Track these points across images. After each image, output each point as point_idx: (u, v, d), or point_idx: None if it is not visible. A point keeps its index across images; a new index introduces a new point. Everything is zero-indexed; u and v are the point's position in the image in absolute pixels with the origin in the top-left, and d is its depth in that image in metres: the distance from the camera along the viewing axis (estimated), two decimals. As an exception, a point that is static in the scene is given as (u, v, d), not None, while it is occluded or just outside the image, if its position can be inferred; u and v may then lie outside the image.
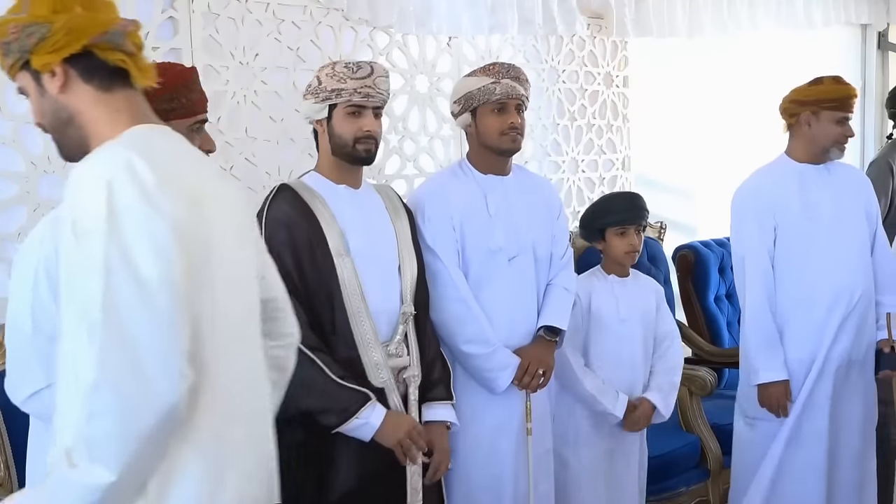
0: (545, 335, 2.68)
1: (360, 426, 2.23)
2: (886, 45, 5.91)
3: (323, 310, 2.31)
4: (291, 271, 2.26)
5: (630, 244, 2.92)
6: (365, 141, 2.35)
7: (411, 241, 2.50)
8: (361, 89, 2.32)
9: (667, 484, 3.36)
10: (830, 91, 3.03)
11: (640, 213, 2.94)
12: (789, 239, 3.05)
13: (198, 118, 2.08)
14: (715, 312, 4.18)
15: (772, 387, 3.01)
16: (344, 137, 2.35)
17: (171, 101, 2.04)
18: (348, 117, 2.35)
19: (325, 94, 2.34)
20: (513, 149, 2.66)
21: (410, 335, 2.43)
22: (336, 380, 2.22)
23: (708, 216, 4.75)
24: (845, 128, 3.03)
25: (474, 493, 2.62)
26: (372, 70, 2.34)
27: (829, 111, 3.01)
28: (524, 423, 2.64)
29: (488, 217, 2.65)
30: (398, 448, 2.26)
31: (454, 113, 2.72)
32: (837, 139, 3.04)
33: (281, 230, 2.29)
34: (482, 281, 2.63)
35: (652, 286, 3.08)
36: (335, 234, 2.33)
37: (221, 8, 2.98)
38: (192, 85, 2.08)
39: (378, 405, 2.25)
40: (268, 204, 2.34)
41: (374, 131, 2.36)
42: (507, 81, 2.61)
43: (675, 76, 4.65)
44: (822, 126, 3.04)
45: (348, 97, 2.32)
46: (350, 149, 2.36)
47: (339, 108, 2.35)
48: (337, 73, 2.33)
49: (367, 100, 2.33)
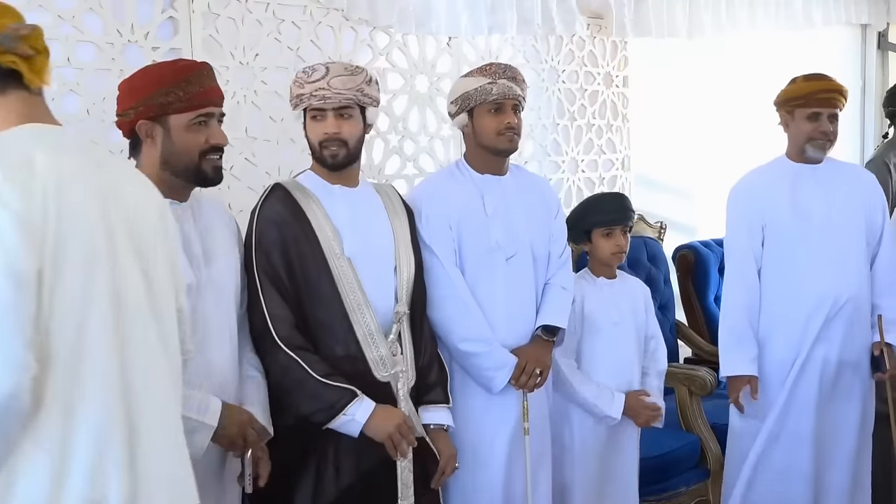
0: (542, 335, 2.68)
1: (347, 422, 2.23)
2: (886, 45, 5.91)
3: (313, 309, 2.30)
4: (280, 270, 2.27)
5: (616, 245, 2.90)
6: (328, 145, 2.34)
7: (410, 240, 2.50)
8: (316, 92, 2.31)
9: (667, 484, 3.36)
10: (799, 88, 3.06)
11: (626, 214, 2.93)
12: (777, 239, 3.07)
13: (199, 113, 2.07)
14: (715, 312, 4.17)
15: (736, 380, 3.07)
16: (312, 142, 2.38)
17: (166, 96, 2.04)
18: (311, 122, 2.36)
19: (294, 100, 2.37)
20: (510, 149, 2.67)
21: (405, 334, 2.43)
22: (320, 379, 2.21)
23: (708, 216, 4.75)
24: (818, 124, 3.03)
25: (472, 493, 2.62)
26: (327, 71, 2.32)
27: (800, 108, 3.04)
28: (521, 422, 2.64)
29: (485, 217, 2.65)
30: (388, 442, 2.25)
31: (451, 113, 2.72)
32: (811, 135, 3.04)
33: (272, 229, 2.29)
34: (480, 280, 2.62)
35: (639, 286, 3.06)
36: (328, 233, 2.33)
37: (221, 8, 2.99)
38: (193, 79, 2.07)
39: (365, 400, 2.24)
40: (260, 203, 2.35)
41: (333, 133, 2.33)
42: (503, 82, 2.61)
43: (674, 76, 4.66)
44: (796, 124, 3.08)
45: (308, 101, 2.33)
46: (318, 153, 2.37)
47: (307, 113, 2.37)
48: (297, 79, 2.35)
49: (324, 102, 2.32)
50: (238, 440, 2.08)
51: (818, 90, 3.02)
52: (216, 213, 2.26)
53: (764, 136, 4.77)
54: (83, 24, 2.70)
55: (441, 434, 2.47)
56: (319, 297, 2.30)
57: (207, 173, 2.10)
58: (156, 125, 2.06)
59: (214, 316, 2.11)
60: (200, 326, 2.05)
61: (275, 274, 2.26)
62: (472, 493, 2.62)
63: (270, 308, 2.23)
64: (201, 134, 2.07)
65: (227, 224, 2.27)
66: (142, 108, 2.06)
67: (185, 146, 2.06)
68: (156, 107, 2.05)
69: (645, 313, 3.00)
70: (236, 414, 2.09)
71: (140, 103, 2.06)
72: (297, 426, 2.25)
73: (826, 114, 3.03)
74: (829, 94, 3.03)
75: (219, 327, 2.12)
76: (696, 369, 3.55)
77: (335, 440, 2.27)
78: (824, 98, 3.02)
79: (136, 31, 2.80)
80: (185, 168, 2.08)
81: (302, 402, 2.23)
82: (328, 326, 2.31)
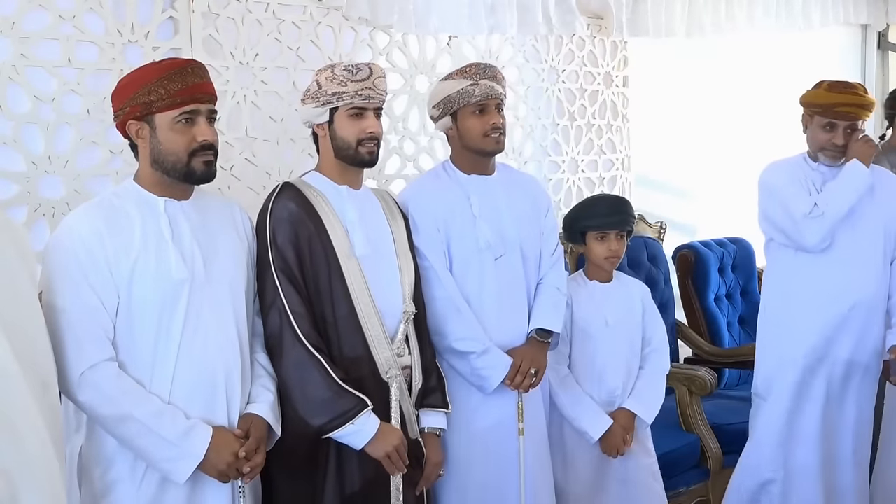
0: (537, 336, 2.67)
1: (355, 433, 2.22)
2: (886, 45, 5.90)
3: (325, 308, 2.30)
4: (294, 268, 2.27)
5: (610, 249, 2.86)
6: (367, 143, 2.36)
7: (407, 243, 2.51)
8: (362, 91, 2.33)
9: (667, 484, 3.34)
10: (820, 96, 3.03)
11: (622, 219, 2.87)
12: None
13: (183, 110, 2.05)
14: (715, 312, 4.18)
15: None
16: (347, 140, 2.36)
17: (149, 94, 2.05)
18: (350, 119, 2.35)
19: (325, 97, 2.34)
20: (497, 149, 2.65)
21: (411, 335, 2.44)
22: (339, 382, 2.21)
23: (708, 216, 4.76)
24: (833, 135, 3.00)
25: (467, 494, 2.61)
26: (371, 72, 2.35)
27: (818, 115, 3.02)
28: (516, 423, 2.62)
29: (473, 217, 2.63)
30: (386, 460, 2.26)
31: (433, 117, 2.71)
32: (823, 145, 3.03)
33: (286, 227, 2.29)
34: (469, 281, 2.61)
35: (638, 289, 3.01)
36: (339, 233, 2.33)
37: (221, 8, 2.99)
38: (175, 77, 2.06)
39: (373, 415, 2.24)
40: (272, 202, 2.34)
41: (376, 132, 2.37)
42: (485, 82, 2.60)
43: (674, 76, 4.66)
44: (813, 130, 3.07)
45: (350, 100, 2.33)
46: (353, 151, 2.37)
47: (340, 111, 2.35)
48: (337, 77, 2.33)
49: (368, 101, 2.34)
50: (231, 472, 2.05)
51: (838, 103, 2.98)
52: (222, 212, 2.24)
53: (764, 135, 4.80)
54: (83, 23, 2.70)
55: (433, 439, 2.47)
56: (330, 297, 2.30)
57: (197, 171, 2.09)
58: (144, 124, 2.07)
59: (211, 314, 2.10)
60: (194, 324, 2.06)
61: (291, 272, 2.26)
62: (466, 493, 2.61)
63: (291, 305, 2.23)
64: (187, 132, 2.06)
65: (234, 224, 2.25)
66: (128, 109, 2.07)
67: (172, 144, 2.06)
68: (140, 106, 2.05)
69: (642, 316, 2.96)
70: (226, 445, 2.05)
71: (127, 103, 2.07)
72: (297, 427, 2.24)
73: (843, 126, 2.99)
74: (850, 109, 2.98)
75: (218, 325, 2.11)
76: (696, 369, 3.54)
77: (328, 455, 2.27)
78: (843, 112, 2.98)
79: (137, 31, 2.80)
80: (173, 166, 2.08)
81: (310, 402, 2.20)
82: (337, 326, 2.30)
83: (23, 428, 1.51)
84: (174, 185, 2.11)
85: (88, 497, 2.06)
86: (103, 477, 2.04)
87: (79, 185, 2.71)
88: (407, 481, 2.37)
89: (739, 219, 4.30)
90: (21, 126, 2.62)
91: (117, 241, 2.02)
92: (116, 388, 1.98)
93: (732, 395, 3.98)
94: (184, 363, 2.05)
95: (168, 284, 2.04)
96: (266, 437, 2.14)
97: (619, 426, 2.81)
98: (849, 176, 2.97)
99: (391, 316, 2.37)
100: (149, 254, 2.04)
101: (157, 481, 2.04)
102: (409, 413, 2.39)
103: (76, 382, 1.95)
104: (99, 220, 2.03)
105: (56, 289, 1.99)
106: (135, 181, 2.14)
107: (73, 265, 1.99)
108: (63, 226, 2.06)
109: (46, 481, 1.54)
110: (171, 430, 1.99)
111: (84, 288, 1.98)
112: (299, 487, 2.29)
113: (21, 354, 1.54)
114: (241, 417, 2.12)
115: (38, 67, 2.64)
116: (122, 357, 2.02)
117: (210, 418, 2.06)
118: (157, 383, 2.03)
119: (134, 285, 2.02)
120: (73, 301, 1.97)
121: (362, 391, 2.25)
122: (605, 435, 2.80)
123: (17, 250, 1.69)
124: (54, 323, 1.95)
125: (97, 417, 2.00)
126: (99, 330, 1.99)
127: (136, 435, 1.98)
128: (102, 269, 2.00)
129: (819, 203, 2.96)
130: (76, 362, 1.95)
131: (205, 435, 2.02)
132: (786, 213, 3.02)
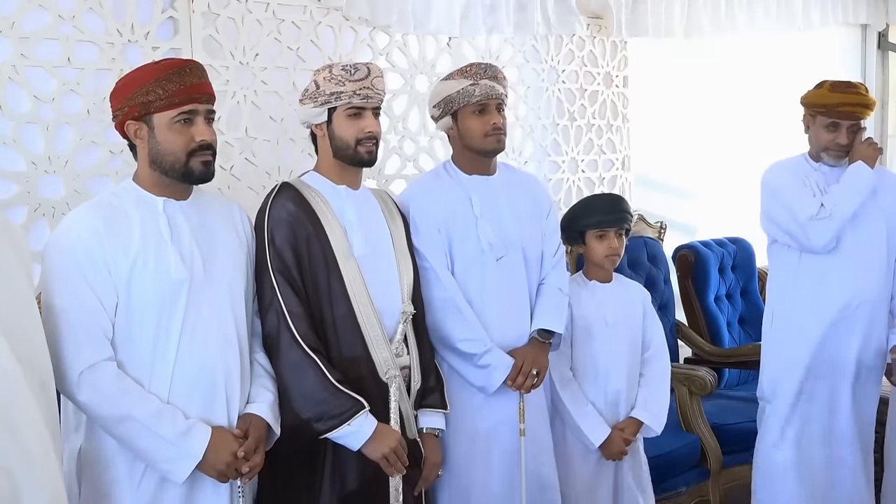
0: (539, 337, 2.67)
1: (352, 434, 2.22)
2: (886, 45, 5.90)
3: (324, 309, 2.30)
4: (292, 269, 2.27)
5: (610, 247, 2.86)
6: (366, 142, 2.36)
7: (406, 243, 2.51)
8: (360, 91, 2.33)
9: (667, 484, 3.36)
10: (823, 96, 3.03)
11: (620, 216, 2.87)
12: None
13: (181, 110, 2.06)
14: (715, 312, 4.18)
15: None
16: (346, 140, 2.36)
17: (147, 95, 2.05)
18: (349, 119, 2.35)
19: (324, 97, 2.34)
20: (497, 149, 2.65)
21: (409, 335, 2.43)
22: (335, 383, 2.21)
23: (708, 216, 4.76)
24: (836, 135, 3.00)
25: (468, 494, 2.61)
26: (369, 71, 2.35)
27: (820, 116, 3.02)
28: (518, 423, 2.62)
29: (474, 218, 2.63)
30: (384, 461, 2.25)
31: (434, 117, 2.71)
32: (826, 146, 3.03)
33: (284, 228, 2.29)
34: (471, 282, 2.61)
35: (638, 291, 3.01)
36: (338, 233, 2.33)
37: (221, 8, 2.99)
38: (173, 77, 2.06)
39: (370, 416, 2.24)
40: (270, 202, 2.34)
41: (375, 132, 2.37)
42: (485, 82, 2.60)
43: (674, 76, 4.66)
44: (815, 130, 3.07)
45: (348, 100, 2.33)
46: (352, 151, 2.37)
47: (338, 110, 2.35)
48: (335, 77, 2.33)
49: (366, 101, 2.35)
50: (230, 472, 2.05)
51: (841, 103, 2.99)
52: (221, 212, 2.24)
53: (764, 135, 4.80)
54: (83, 23, 2.70)
55: (432, 439, 2.47)
56: (329, 297, 2.30)
57: (195, 171, 2.09)
58: (142, 125, 2.07)
59: (211, 314, 2.10)
60: (193, 324, 2.06)
61: (289, 273, 2.26)
62: (467, 494, 2.61)
63: (288, 306, 2.23)
64: (185, 132, 2.07)
65: (233, 224, 2.25)
66: (126, 109, 2.07)
67: (170, 145, 2.06)
68: (139, 106, 2.05)
69: (642, 319, 2.96)
70: (225, 445, 2.05)
71: (125, 104, 2.07)
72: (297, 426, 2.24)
73: (846, 125, 3.00)
74: (853, 108, 2.99)
75: (217, 325, 2.11)
76: (696, 369, 3.54)
77: (326, 455, 2.27)
78: (846, 111, 2.99)
79: (137, 31, 2.80)
80: (171, 166, 2.08)
81: (308, 403, 2.20)
82: (336, 326, 2.30)
83: (24, 426, 1.52)
84: (173, 185, 2.11)
85: (88, 497, 2.06)
86: (102, 477, 2.05)
87: (79, 185, 2.71)
88: (406, 482, 2.37)
89: (739, 219, 4.30)
90: (21, 126, 2.62)
91: (116, 241, 2.02)
92: (115, 387, 1.98)
93: (732, 395, 3.98)
94: (183, 363, 2.05)
95: (167, 284, 2.04)
96: (265, 437, 2.14)
97: (618, 432, 2.82)
98: (854, 178, 2.97)
99: (390, 316, 2.37)
100: (148, 254, 2.04)
101: (156, 482, 2.04)
102: (407, 413, 2.39)
103: (75, 382, 1.95)
104: (98, 221, 2.03)
105: (55, 289, 1.99)
106: (134, 181, 2.14)
107: (71, 265, 1.99)
108: (62, 226, 2.06)
109: (47, 479, 1.55)
110: (170, 430, 1.99)
111: (83, 288, 1.98)
112: (298, 487, 2.29)
113: (20, 354, 1.54)
114: (241, 417, 2.12)
115: (38, 67, 2.64)
116: (121, 357, 2.02)
117: (209, 418, 2.06)
118: (157, 383, 2.03)
119: (133, 285, 2.02)
120: (72, 301, 1.97)
121: (361, 391, 2.24)
122: (606, 442, 2.81)
123: (14, 250, 1.70)
124: (53, 323, 1.95)
125: (96, 417, 2.00)
126: (98, 330, 1.99)
127: (135, 435, 1.98)
128: (101, 269, 2.00)
129: (826, 204, 2.96)
130: (75, 362, 1.95)
131: (204, 435, 2.02)
132: (791, 215, 3.02)
